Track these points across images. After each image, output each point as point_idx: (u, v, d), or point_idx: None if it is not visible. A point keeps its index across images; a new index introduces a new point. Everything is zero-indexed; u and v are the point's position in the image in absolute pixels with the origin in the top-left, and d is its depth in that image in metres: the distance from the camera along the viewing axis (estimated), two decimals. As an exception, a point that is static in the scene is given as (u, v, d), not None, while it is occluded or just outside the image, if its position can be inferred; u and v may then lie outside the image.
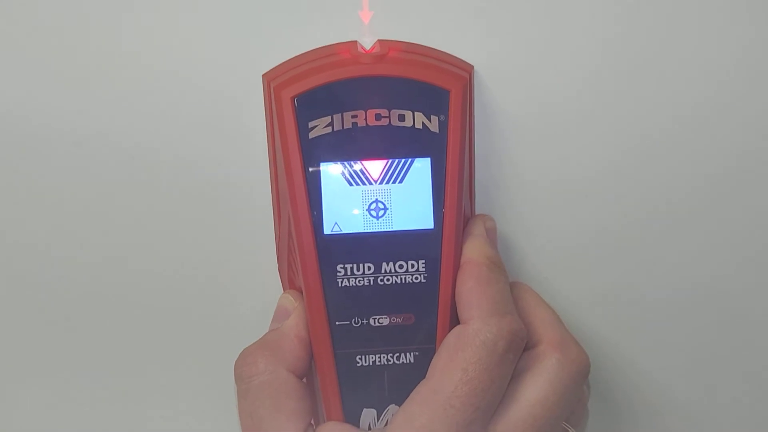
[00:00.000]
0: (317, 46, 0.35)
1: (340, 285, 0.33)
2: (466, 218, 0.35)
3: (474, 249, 0.33)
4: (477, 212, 0.37)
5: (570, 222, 0.38)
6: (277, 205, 0.36)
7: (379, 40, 0.35)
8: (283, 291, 0.37)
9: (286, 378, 0.33)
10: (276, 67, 0.35)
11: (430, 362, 0.33)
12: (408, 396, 0.32)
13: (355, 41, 0.35)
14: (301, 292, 0.35)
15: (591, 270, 0.38)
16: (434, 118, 0.33)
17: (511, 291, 0.34)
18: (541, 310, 0.35)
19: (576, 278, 0.38)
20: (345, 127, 0.32)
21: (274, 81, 0.33)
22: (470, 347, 0.31)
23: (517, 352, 0.32)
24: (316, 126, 0.32)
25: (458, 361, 0.31)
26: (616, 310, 0.39)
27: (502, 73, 0.36)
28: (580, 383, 0.33)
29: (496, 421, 0.32)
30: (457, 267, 0.33)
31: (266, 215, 0.37)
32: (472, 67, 0.35)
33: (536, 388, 0.32)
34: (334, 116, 0.32)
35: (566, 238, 0.38)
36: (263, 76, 0.35)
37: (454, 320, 0.33)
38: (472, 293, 0.32)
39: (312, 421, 0.34)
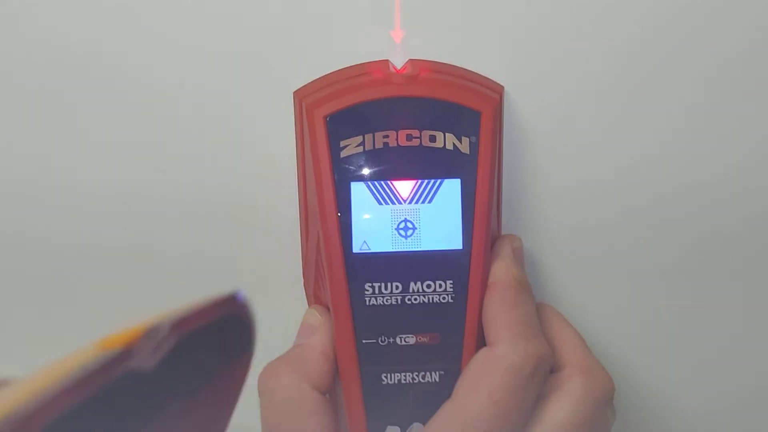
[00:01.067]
0: (348, 65, 0.35)
1: (367, 303, 0.33)
2: (494, 238, 0.35)
3: (501, 270, 0.33)
4: (503, 231, 0.37)
5: (595, 241, 0.38)
6: (305, 221, 0.36)
7: (410, 60, 0.35)
8: (308, 306, 0.37)
9: (310, 394, 0.33)
10: (307, 84, 0.35)
11: (454, 382, 0.33)
12: (432, 415, 0.32)
13: (387, 60, 0.35)
14: (327, 308, 0.35)
15: (617, 289, 0.38)
16: (465, 140, 0.33)
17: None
18: (566, 333, 0.35)
19: (600, 297, 0.38)
20: (376, 147, 0.33)
21: (305, 99, 0.34)
22: (497, 370, 0.31)
23: (543, 375, 0.32)
24: (347, 145, 0.33)
25: (484, 383, 0.31)
26: (642, 330, 0.39)
27: (531, 93, 0.36)
28: (603, 408, 0.33)
29: None
30: (484, 288, 0.33)
31: (293, 231, 0.37)
32: (503, 87, 0.35)
33: (561, 413, 0.32)
34: (366, 136, 0.33)
35: (592, 258, 0.38)
36: (294, 93, 0.35)
37: (481, 341, 0.33)
38: (500, 315, 0.32)
39: (335, 437, 0.34)
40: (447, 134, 0.33)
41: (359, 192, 0.33)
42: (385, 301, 0.33)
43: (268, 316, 0.39)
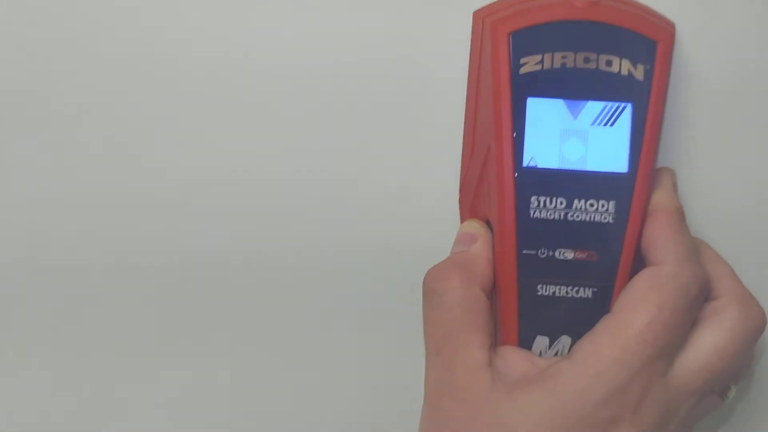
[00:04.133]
0: (524, -10, 0.37)
1: (531, 216, 0.35)
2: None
3: (666, 197, 0.35)
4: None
5: (745, 184, 0.38)
6: (471, 135, 0.37)
7: (588, -12, 0.36)
8: (460, 221, 0.39)
9: (479, 296, 0.35)
10: (487, 5, 0.37)
11: (606, 299, 0.34)
12: (584, 328, 0.34)
13: (566, -14, 0.36)
14: (484, 222, 0.37)
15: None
16: (640, 67, 0.34)
17: None
18: (721, 266, 0.36)
19: (751, 240, 0.39)
20: (554, 66, 0.34)
21: (488, 18, 0.35)
22: (666, 288, 0.32)
23: (703, 300, 0.33)
24: (526, 62, 0.34)
25: (652, 299, 0.32)
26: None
27: (701, 35, 0.37)
28: (755, 340, 0.34)
29: (674, 362, 0.33)
30: (645, 212, 0.35)
31: (453, 145, 0.38)
32: (674, 24, 0.36)
33: (717, 337, 0.33)
34: (545, 55, 0.34)
35: (739, 200, 0.39)
36: (474, 13, 0.37)
37: (636, 262, 0.35)
38: (668, 239, 0.34)
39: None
40: (623, 60, 0.34)
41: (534, 109, 0.34)
42: (548, 215, 0.35)
43: (421, 225, 0.40)
